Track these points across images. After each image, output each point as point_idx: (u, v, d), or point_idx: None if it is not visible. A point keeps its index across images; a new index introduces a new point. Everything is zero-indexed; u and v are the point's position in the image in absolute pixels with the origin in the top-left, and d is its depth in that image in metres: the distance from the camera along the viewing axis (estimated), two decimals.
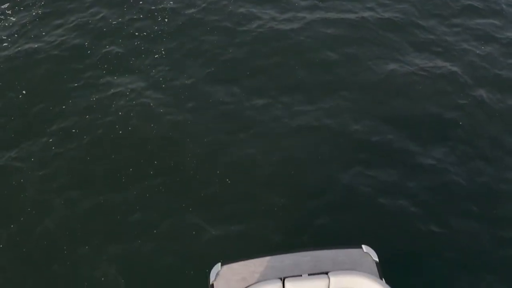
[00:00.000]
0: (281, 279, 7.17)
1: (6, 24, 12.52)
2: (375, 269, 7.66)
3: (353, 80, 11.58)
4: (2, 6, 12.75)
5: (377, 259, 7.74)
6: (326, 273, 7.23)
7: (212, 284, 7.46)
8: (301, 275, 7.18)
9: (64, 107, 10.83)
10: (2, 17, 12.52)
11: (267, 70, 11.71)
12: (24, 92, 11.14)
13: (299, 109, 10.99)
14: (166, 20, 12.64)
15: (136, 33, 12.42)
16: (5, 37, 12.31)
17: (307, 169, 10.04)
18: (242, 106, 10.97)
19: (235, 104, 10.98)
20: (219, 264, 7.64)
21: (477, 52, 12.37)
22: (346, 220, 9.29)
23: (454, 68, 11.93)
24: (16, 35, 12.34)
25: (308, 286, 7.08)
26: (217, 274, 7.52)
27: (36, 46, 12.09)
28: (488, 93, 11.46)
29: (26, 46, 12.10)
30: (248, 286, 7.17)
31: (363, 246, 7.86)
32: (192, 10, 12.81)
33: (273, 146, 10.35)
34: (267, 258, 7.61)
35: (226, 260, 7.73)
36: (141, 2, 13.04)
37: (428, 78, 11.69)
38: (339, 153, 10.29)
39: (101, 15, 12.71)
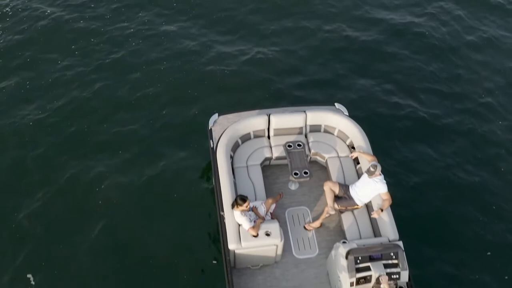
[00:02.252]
0: (267, 114, 8.74)
1: None
2: None
3: None
4: None
5: (347, 114, 9.29)
6: (304, 111, 8.79)
7: (210, 129, 9.03)
8: (283, 112, 8.74)
9: None
10: None
11: None
12: None
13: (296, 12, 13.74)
14: None
15: None
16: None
17: (297, 53, 12.48)
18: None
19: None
20: (217, 114, 9.23)
21: None
22: (323, 87, 11.64)
23: None
24: None
25: (289, 118, 8.65)
26: (215, 121, 9.11)
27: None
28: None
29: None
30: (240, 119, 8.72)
31: (335, 103, 9.44)
32: None
33: (268, 40, 12.90)
34: (257, 111, 9.20)
35: (222, 111, 9.33)
36: None
37: None
38: (324, 45, 12.73)
39: None
